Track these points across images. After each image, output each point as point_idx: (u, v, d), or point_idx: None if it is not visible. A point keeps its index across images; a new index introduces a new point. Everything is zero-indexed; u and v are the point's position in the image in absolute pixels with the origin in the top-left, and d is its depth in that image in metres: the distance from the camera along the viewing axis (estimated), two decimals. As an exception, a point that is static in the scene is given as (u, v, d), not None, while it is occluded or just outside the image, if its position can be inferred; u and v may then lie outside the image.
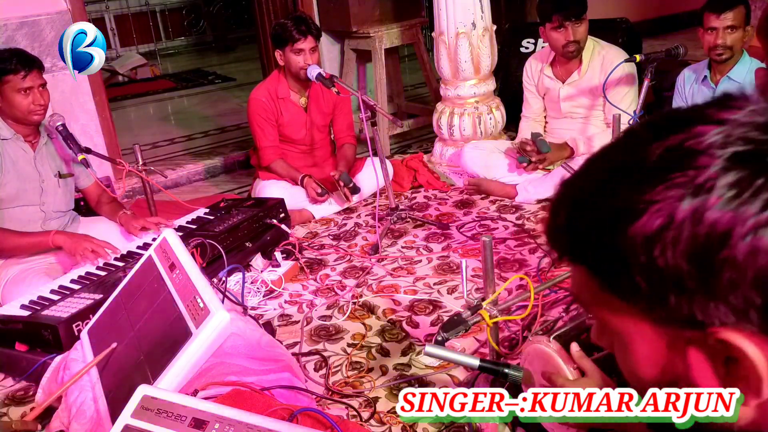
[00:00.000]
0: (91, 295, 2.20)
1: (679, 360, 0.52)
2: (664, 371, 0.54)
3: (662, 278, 0.49)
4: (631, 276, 0.50)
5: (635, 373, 0.56)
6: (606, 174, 0.53)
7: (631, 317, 0.53)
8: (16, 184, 2.50)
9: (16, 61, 2.42)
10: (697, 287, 0.48)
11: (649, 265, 0.49)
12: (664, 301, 0.49)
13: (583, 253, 0.55)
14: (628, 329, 0.54)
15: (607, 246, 0.51)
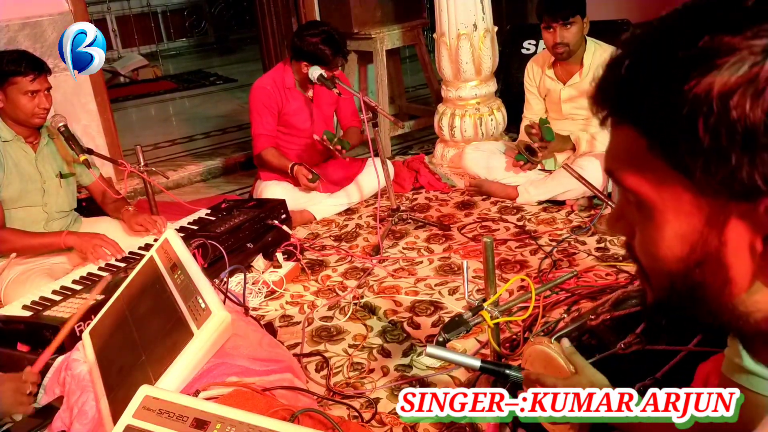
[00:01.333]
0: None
1: (715, 236, 0.50)
2: (694, 248, 0.51)
3: (732, 132, 0.45)
4: (694, 132, 0.46)
5: (659, 251, 0.53)
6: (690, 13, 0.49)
7: (672, 187, 0.50)
8: (18, 185, 2.51)
9: (25, 63, 2.42)
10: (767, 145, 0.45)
11: (720, 117, 0.45)
12: (724, 161, 0.46)
13: (638, 109, 0.50)
14: (664, 202, 0.51)
15: (674, 97, 0.47)
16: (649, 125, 0.50)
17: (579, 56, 3.10)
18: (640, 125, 0.51)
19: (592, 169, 2.94)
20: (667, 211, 0.51)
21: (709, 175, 0.48)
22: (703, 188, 0.49)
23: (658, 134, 0.50)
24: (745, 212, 0.48)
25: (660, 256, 0.54)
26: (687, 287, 0.53)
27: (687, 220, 0.51)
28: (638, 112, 0.50)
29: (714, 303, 0.53)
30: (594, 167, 2.96)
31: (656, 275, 0.56)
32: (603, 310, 1.61)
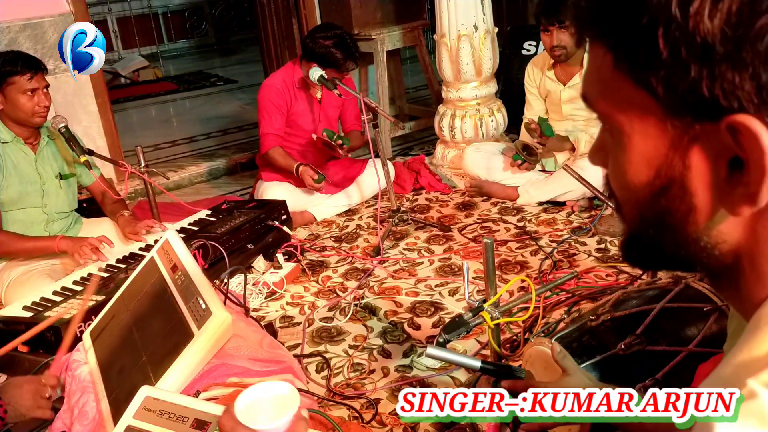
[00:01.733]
0: (94, 297, 2.20)
1: (679, 160, 0.49)
2: (659, 173, 0.50)
3: (690, 42, 0.44)
4: (654, 42, 0.45)
5: (625, 176, 0.52)
6: None
7: (638, 107, 0.49)
8: (18, 186, 2.51)
9: (21, 62, 2.43)
10: (727, 54, 0.43)
11: (679, 26, 0.44)
12: (684, 74, 0.45)
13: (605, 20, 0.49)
14: (632, 124, 0.50)
15: (635, 8, 0.46)
16: (613, 37, 0.49)
17: (579, 57, 3.10)
18: (606, 37, 0.50)
19: (593, 170, 2.94)
20: (633, 134, 0.51)
21: (670, 90, 0.46)
22: (667, 107, 0.48)
23: (621, 46, 0.48)
24: (709, 133, 0.47)
25: (628, 182, 0.53)
26: (654, 215, 0.52)
27: (652, 143, 0.50)
28: (605, 24, 0.50)
29: (680, 233, 0.52)
30: (594, 168, 2.95)
31: (627, 205, 0.55)
32: (603, 310, 1.61)
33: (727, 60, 0.43)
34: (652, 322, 1.52)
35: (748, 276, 0.51)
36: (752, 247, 0.50)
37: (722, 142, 0.46)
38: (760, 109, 0.44)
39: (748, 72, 0.43)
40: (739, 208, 0.48)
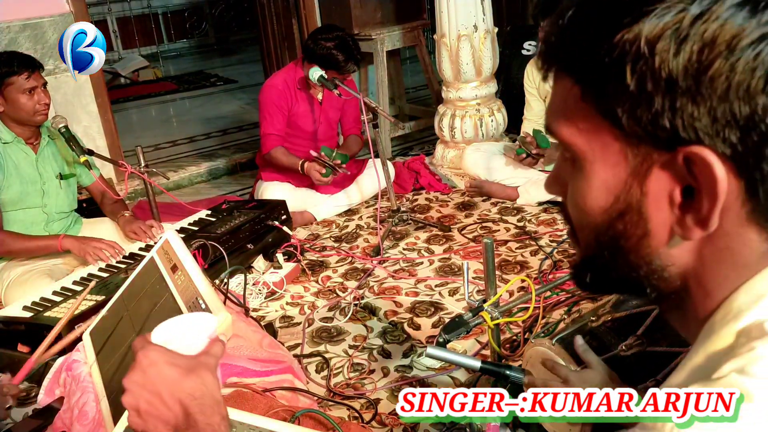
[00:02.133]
0: (93, 297, 2.20)
1: (637, 187, 0.52)
2: (618, 199, 0.53)
3: (656, 77, 0.48)
4: (621, 76, 0.49)
5: (585, 201, 0.55)
6: None
7: (602, 136, 0.52)
8: (19, 187, 2.51)
9: (17, 62, 2.43)
10: (688, 89, 0.47)
11: (646, 62, 0.48)
12: (648, 106, 0.48)
13: (574, 56, 0.53)
14: (594, 152, 0.53)
15: (606, 43, 0.49)
16: (582, 71, 0.52)
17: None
18: (575, 72, 0.53)
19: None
20: (596, 162, 0.53)
21: (634, 120, 0.49)
22: (629, 137, 0.51)
23: (589, 80, 0.52)
24: (666, 162, 0.50)
25: (586, 208, 0.56)
26: (610, 239, 0.55)
27: (613, 170, 0.53)
28: (574, 59, 0.53)
29: (633, 256, 0.55)
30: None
31: (583, 230, 0.58)
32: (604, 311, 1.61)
33: (687, 94, 0.47)
34: (653, 322, 1.52)
35: (695, 295, 0.55)
36: (698, 268, 0.54)
37: (678, 171, 0.50)
38: (714, 141, 0.48)
39: (705, 106, 0.47)
40: (691, 232, 0.51)
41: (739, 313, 0.51)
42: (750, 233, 0.51)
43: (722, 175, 0.48)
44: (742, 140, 0.47)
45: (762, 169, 0.48)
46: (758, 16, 0.46)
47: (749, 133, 0.47)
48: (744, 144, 0.47)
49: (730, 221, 0.51)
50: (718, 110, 0.47)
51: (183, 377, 0.79)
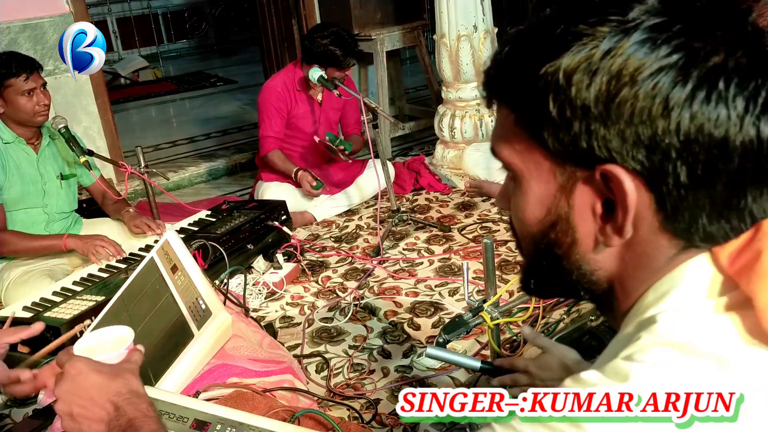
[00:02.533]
0: (94, 297, 2.20)
1: (565, 200, 0.59)
2: (549, 211, 0.61)
3: (573, 105, 0.54)
4: (545, 105, 0.56)
5: (524, 214, 0.63)
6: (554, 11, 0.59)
7: (534, 156, 0.59)
8: (20, 187, 2.51)
9: (15, 64, 2.43)
10: (600, 115, 0.54)
11: (564, 93, 0.55)
12: (568, 130, 0.55)
13: (509, 87, 0.60)
14: (529, 171, 0.61)
15: (534, 76, 0.56)
16: (515, 100, 0.60)
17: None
18: (510, 102, 0.61)
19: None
20: (531, 179, 0.61)
21: (557, 142, 0.57)
22: (556, 157, 0.58)
23: (521, 108, 0.59)
24: (587, 178, 0.57)
25: (525, 220, 0.63)
26: (545, 247, 0.63)
27: (545, 186, 0.60)
28: (508, 90, 0.60)
29: (565, 261, 0.62)
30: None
31: (524, 239, 0.65)
32: (603, 311, 1.61)
33: (599, 119, 0.54)
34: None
35: (619, 296, 0.62)
36: (621, 272, 0.61)
37: (597, 186, 0.57)
38: (624, 159, 0.54)
39: (615, 129, 0.54)
40: (610, 239, 0.58)
41: (645, 310, 0.58)
42: (662, 240, 0.57)
43: (631, 189, 0.55)
44: (648, 158, 0.54)
45: (668, 183, 0.54)
46: (656, 51, 0.52)
47: (653, 153, 0.53)
48: (650, 162, 0.54)
49: (645, 230, 0.57)
50: (626, 133, 0.54)
51: (110, 381, 0.93)
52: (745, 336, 0.54)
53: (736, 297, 0.55)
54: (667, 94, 0.52)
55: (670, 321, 0.55)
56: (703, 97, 0.52)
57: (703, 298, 0.56)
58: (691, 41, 0.53)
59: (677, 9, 0.54)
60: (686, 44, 0.53)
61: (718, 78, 0.52)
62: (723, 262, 0.56)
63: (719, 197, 0.55)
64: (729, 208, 0.55)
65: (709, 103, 0.52)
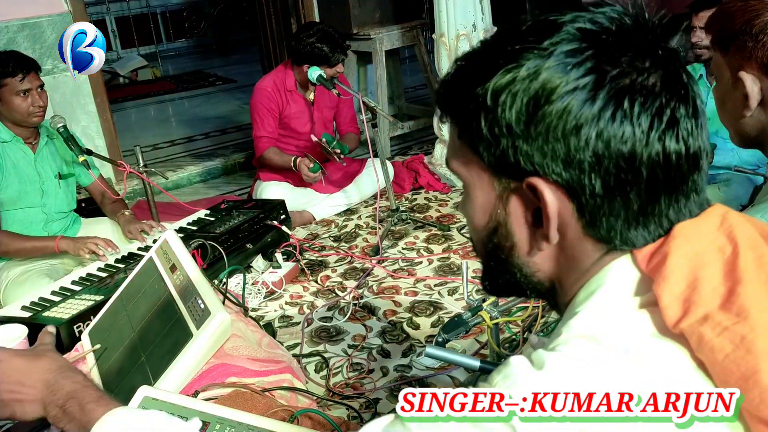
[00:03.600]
0: (92, 297, 2.20)
1: (503, 208, 0.64)
2: (490, 218, 0.66)
3: (499, 124, 0.60)
4: (478, 122, 0.61)
5: (472, 220, 0.68)
6: (491, 39, 0.64)
7: (475, 167, 0.65)
8: (17, 186, 2.51)
9: (12, 63, 2.42)
10: (521, 133, 0.59)
11: (492, 111, 0.60)
12: (497, 145, 0.60)
13: (452, 106, 0.65)
14: (473, 180, 0.66)
15: (469, 95, 0.61)
16: (457, 117, 0.65)
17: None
18: (453, 117, 0.66)
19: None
20: (475, 188, 0.66)
21: (491, 156, 0.62)
22: (492, 168, 0.63)
23: (461, 125, 0.64)
24: (518, 189, 0.62)
25: (473, 226, 0.69)
26: (491, 250, 0.68)
27: (486, 195, 0.65)
28: (452, 108, 0.65)
29: (509, 264, 0.67)
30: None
31: (476, 243, 0.71)
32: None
33: (521, 137, 0.59)
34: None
35: (560, 294, 0.68)
36: (558, 273, 0.66)
37: (527, 196, 0.62)
38: (546, 173, 0.59)
39: (535, 146, 0.59)
40: (541, 244, 0.64)
41: (575, 307, 0.62)
42: (587, 244, 0.62)
43: (551, 200, 0.60)
44: (565, 171, 0.58)
45: (585, 194, 0.59)
46: (569, 74, 0.57)
47: (569, 167, 0.58)
48: (568, 174, 0.58)
49: (572, 235, 0.62)
50: (544, 149, 0.58)
51: (34, 361, 0.96)
52: (653, 330, 0.58)
53: (651, 296, 0.59)
54: (577, 113, 0.57)
55: (587, 316, 0.59)
56: (609, 116, 0.56)
57: (623, 297, 0.61)
58: (601, 64, 0.57)
59: (591, 35, 0.59)
60: (596, 67, 0.57)
61: (623, 97, 0.56)
62: (641, 263, 0.61)
63: (633, 205, 0.59)
64: (644, 215, 0.60)
65: (614, 121, 0.57)
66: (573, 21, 0.59)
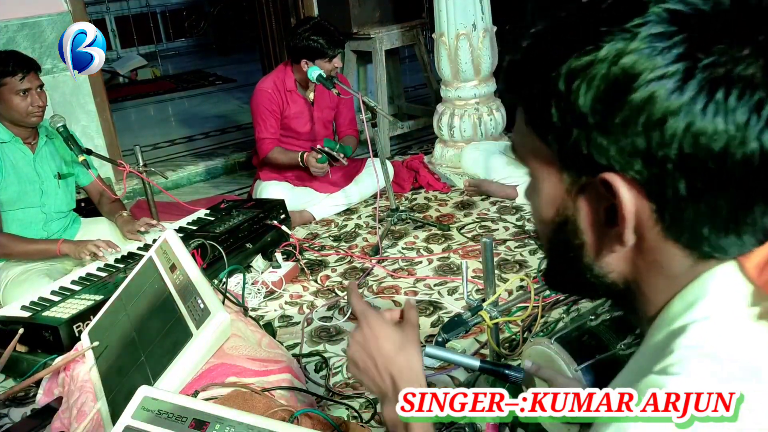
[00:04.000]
0: (92, 296, 2.20)
1: (571, 203, 0.59)
2: (558, 212, 0.60)
3: (571, 111, 0.54)
4: (548, 109, 0.55)
5: (538, 212, 0.63)
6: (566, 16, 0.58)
7: (544, 158, 0.59)
8: (17, 186, 2.51)
9: (12, 63, 2.42)
10: (596, 124, 0.53)
11: (565, 98, 0.54)
12: (568, 136, 0.55)
13: (520, 89, 0.60)
14: (541, 171, 0.60)
15: (541, 78, 0.56)
16: (525, 101, 0.60)
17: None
18: (521, 101, 0.60)
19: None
20: (542, 179, 0.61)
21: (560, 146, 0.56)
22: (561, 160, 0.58)
23: (528, 109, 0.59)
24: (590, 185, 0.56)
25: (538, 218, 0.63)
26: (557, 246, 0.63)
27: (554, 188, 0.60)
28: (520, 90, 0.60)
29: (577, 263, 0.61)
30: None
31: (541, 237, 0.65)
32: (603, 310, 1.61)
33: (596, 128, 0.53)
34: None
35: (639, 299, 0.61)
36: (636, 276, 0.60)
37: (600, 193, 0.56)
38: (623, 168, 0.53)
39: (611, 139, 0.53)
40: (614, 246, 0.58)
41: (673, 320, 0.57)
42: (672, 248, 0.56)
43: (628, 199, 0.54)
44: (645, 169, 0.53)
45: (666, 195, 0.53)
46: (655, 60, 0.51)
47: (650, 164, 0.52)
48: (648, 172, 0.53)
49: (652, 238, 0.56)
50: (622, 142, 0.53)
51: (395, 354, 0.90)
52: None
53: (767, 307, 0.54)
54: (662, 103, 0.51)
55: (702, 331, 0.53)
56: (700, 108, 0.50)
57: (733, 308, 0.55)
58: (693, 50, 0.51)
59: (682, 17, 0.52)
60: (687, 53, 0.51)
61: (717, 88, 0.50)
62: (751, 272, 0.55)
63: (722, 211, 0.53)
64: (736, 223, 0.54)
65: (705, 115, 0.50)
66: (661, 0, 0.53)
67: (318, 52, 3.03)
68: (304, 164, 3.13)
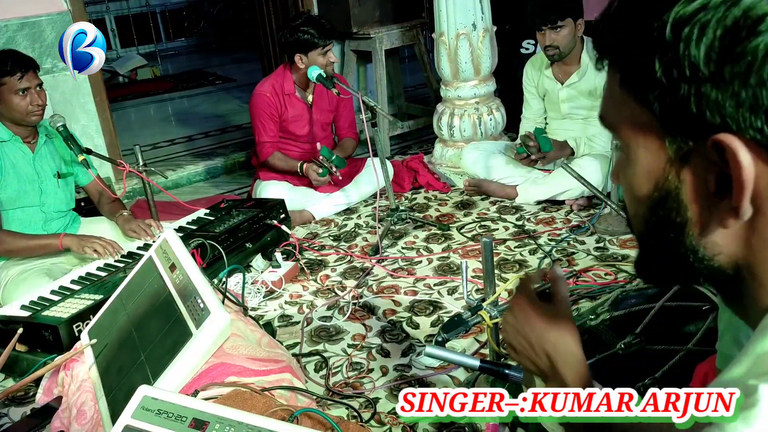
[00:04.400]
0: (92, 296, 2.20)
1: (674, 175, 0.52)
2: (657, 186, 0.54)
3: (680, 64, 0.48)
4: (651, 63, 0.49)
5: (632, 188, 0.56)
6: None
7: (641, 123, 0.53)
8: (16, 186, 2.51)
9: (11, 62, 2.42)
10: (711, 75, 0.47)
11: (672, 49, 0.48)
12: (675, 92, 0.49)
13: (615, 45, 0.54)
14: (636, 139, 0.54)
15: (641, 30, 0.50)
16: (621, 58, 0.54)
17: (575, 57, 3.11)
18: (616, 60, 0.54)
19: (591, 169, 2.94)
20: (638, 149, 0.54)
21: (664, 107, 0.50)
22: (664, 124, 0.51)
23: (627, 66, 0.53)
24: (699, 150, 0.50)
25: (632, 196, 0.57)
26: (654, 226, 0.56)
27: (653, 157, 0.53)
28: (615, 47, 0.54)
29: (678, 244, 0.55)
30: (593, 167, 2.96)
31: (634, 218, 0.59)
32: (602, 309, 1.61)
33: (710, 80, 0.47)
34: (651, 321, 1.52)
35: (750, 285, 0.53)
36: (749, 258, 0.52)
37: (710, 159, 0.49)
38: (740, 128, 0.47)
39: (728, 92, 0.46)
40: (726, 221, 0.50)
41: None
42: None
43: (748, 162, 0.47)
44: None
45: None
46: None
47: None
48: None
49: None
50: (742, 96, 0.46)
51: (547, 330, 0.86)
52: None
53: None
54: None
55: None
56: None
57: None
58: None
59: None
60: None
61: None
62: None
63: None
64: None
65: None
66: None
67: (309, 44, 3.04)
68: (304, 174, 3.15)
